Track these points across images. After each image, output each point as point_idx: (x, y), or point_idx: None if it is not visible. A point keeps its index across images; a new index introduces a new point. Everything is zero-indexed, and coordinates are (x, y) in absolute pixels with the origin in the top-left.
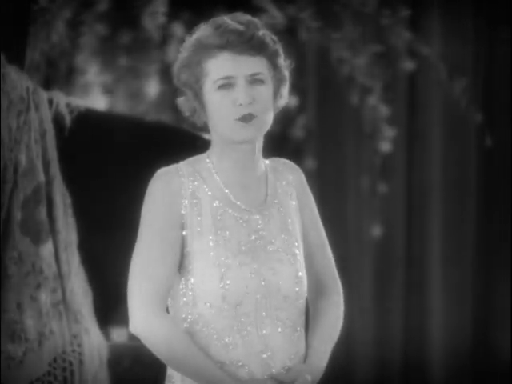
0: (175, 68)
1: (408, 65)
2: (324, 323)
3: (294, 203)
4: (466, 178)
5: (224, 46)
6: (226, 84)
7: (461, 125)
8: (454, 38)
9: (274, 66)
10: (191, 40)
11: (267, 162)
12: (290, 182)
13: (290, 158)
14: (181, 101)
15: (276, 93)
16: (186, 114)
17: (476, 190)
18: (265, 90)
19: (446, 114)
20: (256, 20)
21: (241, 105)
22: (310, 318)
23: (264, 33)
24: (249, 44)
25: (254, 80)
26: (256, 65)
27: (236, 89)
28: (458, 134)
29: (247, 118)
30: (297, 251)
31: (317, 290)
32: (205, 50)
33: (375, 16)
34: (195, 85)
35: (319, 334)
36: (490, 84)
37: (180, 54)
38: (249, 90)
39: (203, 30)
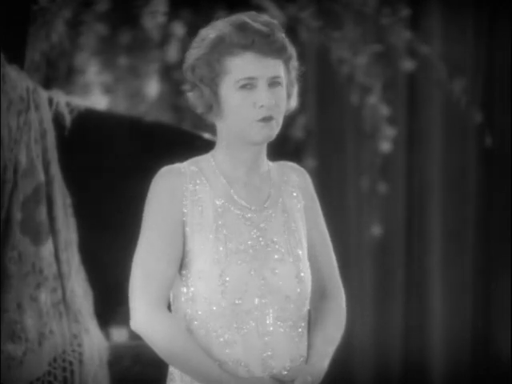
0: (189, 61)
1: (408, 64)
2: (326, 325)
3: (299, 205)
4: (466, 178)
5: (249, 47)
6: (248, 84)
7: (461, 125)
8: (454, 38)
9: (288, 70)
10: (209, 36)
11: (271, 164)
12: (295, 185)
13: (290, 158)
14: (193, 96)
15: (288, 95)
16: (199, 110)
17: (476, 189)
18: (282, 93)
19: (446, 113)
20: (276, 22)
21: (262, 107)
22: (311, 321)
23: (284, 36)
24: (273, 46)
25: (274, 83)
26: (276, 68)
27: (258, 90)
28: (458, 133)
29: (267, 119)
30: (300, 252)
31: (319, 294)
32: (227, 48)
33: (375, 15)
34: (212, 82)
35: (321, 335)
36: (490, 84)
37: (195, 48)
38: (270, 92)
39: (223, 28)
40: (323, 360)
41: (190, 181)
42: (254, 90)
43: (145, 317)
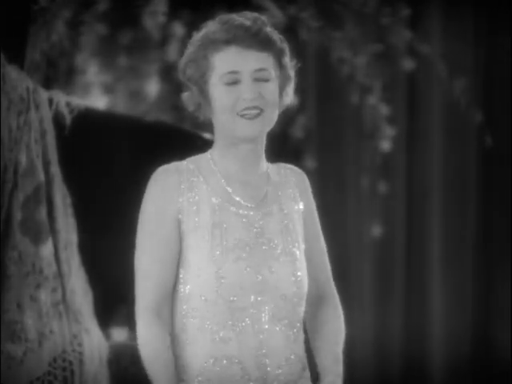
0: (181, 63)
1: (408, 64)
2: (333, 340)
3: (296, 207)
4: (466, 178)
5: (231, 41)
6: (232, 80)
7: (461, 125)
8: (455, 38)
9: (280, 65)
10: (198, 35)
11: (271, 165)
12: (294, 187)
13: (290, 158)
14: (185, 96)
15: (281, 91)
16: (190, 108)
17: (476, 189)
18: (271, 87)
19: (445, 113)
20: (263, 17)
21: (245, 100)
22: (309, 328)
23: (271, 30)
24: (255, 39)
25: (260, 77)
26: (262, 60)
27: (241, 85)
28: (458, 133)
29: (252, 114)
30: (297, 251)
31: (316, 300)
32: (211, 44)
33: (375, 15)
34: (200, 79)
35: (331, 354)
36: (490, 84)
37: (187, 49)
38: (254, 86)
39: (210, 26)
40: (339, 380)
41: (186, 179)
42: (237, 85)
43: (143, 330)
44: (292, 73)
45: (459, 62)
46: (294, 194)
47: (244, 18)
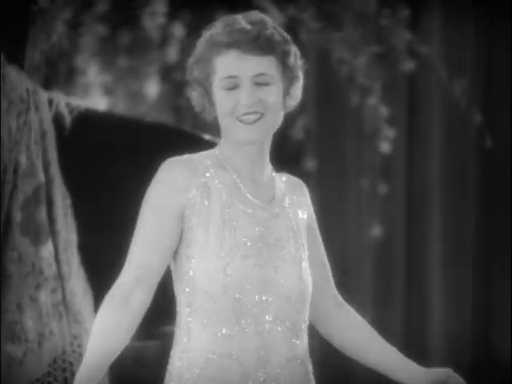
0: (188, 63)
1: (408, 65)
2: (383, 340)
3: (301, 215)
4: (466, 178)
5: (231, 45)
6: (231, 86)
7: (461, 125)
8: (454, 38)
9: (285, 66)
10: (205, 36)
11: (275, 173)
12: (297, 195)
13: (290, 159)
14: (193, 95)
15: (286, 93)
16: (196, 109)
17: (476, 190)
18: (272, 91)
19: (446, 114)
20: (267, 19)
21: (244, 105)
22: (334, 335)
23: (273, 32)
24: (255, 43)
25: (260, 82)
26: (262, 65)
27: (241, 90)
28: (458, 134)
29: (252, 119)
30: (302, 255)
31: (332, 303)
32: (214, 47)
33: (375, 16)
34: (205, 81)
35: (390, 349)
36: (490, 84)
37: (195, 49)
38: (254, 90)
39: (216, 27)
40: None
41: (201, 174)
42: (237, 90)
43: (107, 297)
44: (299, 73)
45: (459, 63)
46: (297, 202)
47: (246, 21)
